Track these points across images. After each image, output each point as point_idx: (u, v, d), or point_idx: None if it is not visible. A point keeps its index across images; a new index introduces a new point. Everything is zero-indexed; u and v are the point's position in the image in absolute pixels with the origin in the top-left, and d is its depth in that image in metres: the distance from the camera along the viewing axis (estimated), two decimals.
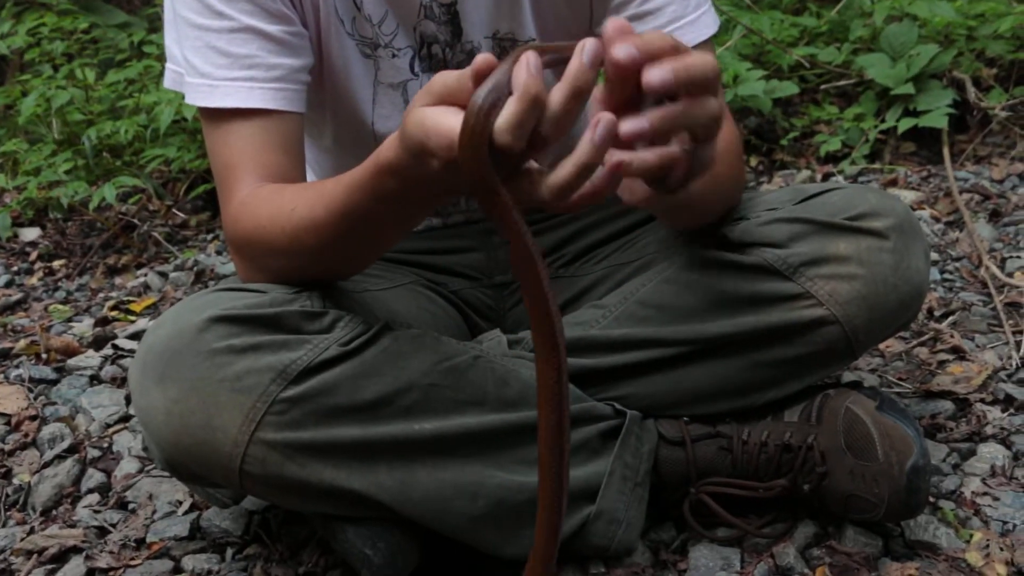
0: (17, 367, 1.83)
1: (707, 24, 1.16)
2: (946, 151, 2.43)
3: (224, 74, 1.07)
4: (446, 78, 0.75)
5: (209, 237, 2.61)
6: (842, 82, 2.74)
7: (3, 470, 1.49)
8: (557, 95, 0.70)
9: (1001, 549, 1.09)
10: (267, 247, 1.03)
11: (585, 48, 0.69)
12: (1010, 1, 2.81)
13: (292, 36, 1.10)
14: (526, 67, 0.68)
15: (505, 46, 1.20)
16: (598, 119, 0.69)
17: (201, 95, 1.09)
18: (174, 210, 2.70)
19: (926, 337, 1.61)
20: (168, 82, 1.15)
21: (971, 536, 1.12)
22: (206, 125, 1.11)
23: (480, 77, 0.71)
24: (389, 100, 1.21)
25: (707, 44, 1.17)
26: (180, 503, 1.34)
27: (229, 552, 1.23)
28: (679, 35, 1.12)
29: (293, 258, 1.03)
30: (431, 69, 1.20)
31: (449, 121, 0.73)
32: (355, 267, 1.10)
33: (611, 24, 0.70)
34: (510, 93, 0.69)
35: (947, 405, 1.39)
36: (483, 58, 0.72)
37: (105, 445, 1.53)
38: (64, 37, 3.17)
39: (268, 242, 1.03)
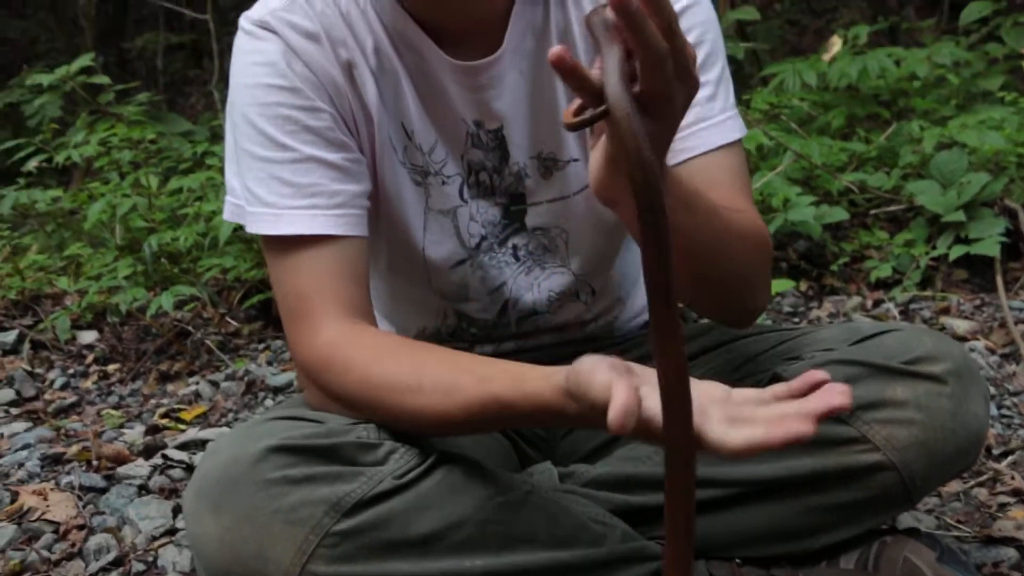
0: (68, 473, 1.84)
1: (732, 128, 1.18)
2: (999, 280, 2.41)
3: (288, 203, 1.10)
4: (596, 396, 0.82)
5: (260, 347, 2.64)
6: (892, 208, 2.74)
7: None
8: None
9: None
10: (373, 404, 1.04)
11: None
12: None
13: (352, 163, 1.14)
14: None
15: (548, 165, 1.22)
16: None
17: (266, 224, 1.11)
18: (227, 319, 2.73)
19: (985, 477, 1.57)
20: (227, 215, 1.18)
21: None
22: (271, 254, 1.13)
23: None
24: (439, 226, 1.24)
25: (733, 146, 1.18)
26: None
27: None
28: (700, 136, 1.16)
29: (395, 420, 1.04)
30: (479, 196, 1.23)
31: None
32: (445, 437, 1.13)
33: None
34: None
35: (1010, 553, 1.34)
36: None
37: (150, 559, 1.53)
38: (132, 146, 3.28)
39: (377, 401, 1.04)
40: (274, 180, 1.11)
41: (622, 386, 0.77)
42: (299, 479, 0.96)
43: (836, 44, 3.43)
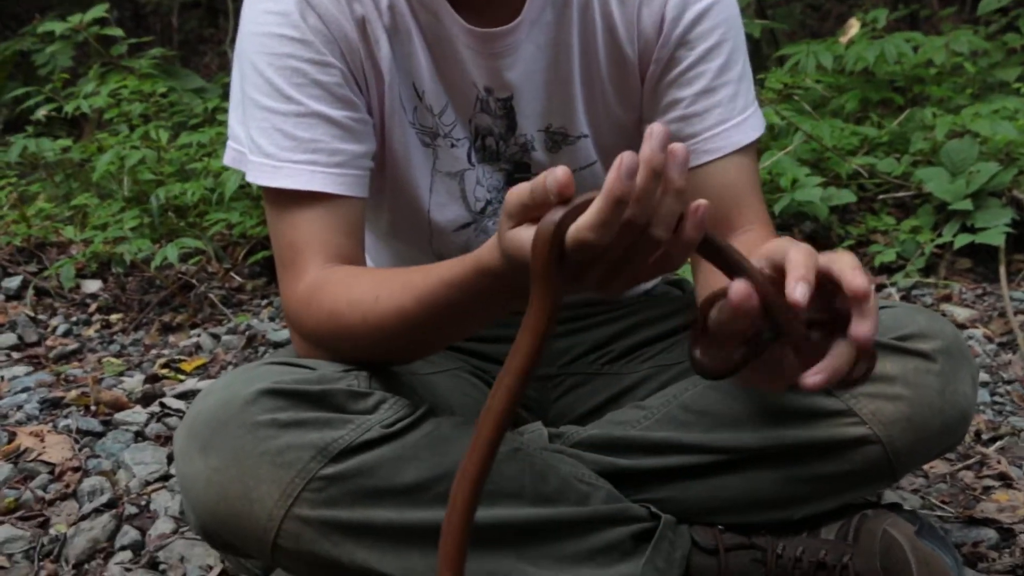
0: (66, 417, 1.86)
1: (753, 127, 1.19)
2: (1002, 270, 2.41)
3: (288, 156, 1.10)
4: (521, 194, 0.79)
5: (263, 303, 2.65)
6: (900, 194, 2.74)
7: (41, 519, 1.51)
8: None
9: None
10: (342, 331, 1.05)
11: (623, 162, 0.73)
12: None
13: (357, 122, 1.13)
14: (616, 169, 0.72)
15: (556, 139, 1.22)
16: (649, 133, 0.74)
17: (264, 175, 1.11)
18: (232, 274, 2.74)
19: (972, 461, 1.58)
20: (228, 159, 1.18)
21: None
22: (269, 204, 1.14)
23: (560, 195, 0.75)
24: (446, 188, 1.24)
25: (750, 147, 1.19)
26: (211, 568, 1.35)
27: None
28: (724, 137, 1.17)
29: (368, 343, 1.04)
30: (485, 160, 1.23)
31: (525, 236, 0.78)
32: (424, 355, 1.13)
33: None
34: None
35: (990, 534, 1.36)
36: (562, 172, 0.75)
37: (143, 503, 1.55)
38: (143, 99, 3.27)
39: (345, 327, 1.04)
40: (277, 132, 1.11)
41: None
42: (288, 423, 0.97)
43: (854, 27, 3.41)
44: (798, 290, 0.76)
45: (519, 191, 0.79)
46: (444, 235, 1.26)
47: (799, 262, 0.78)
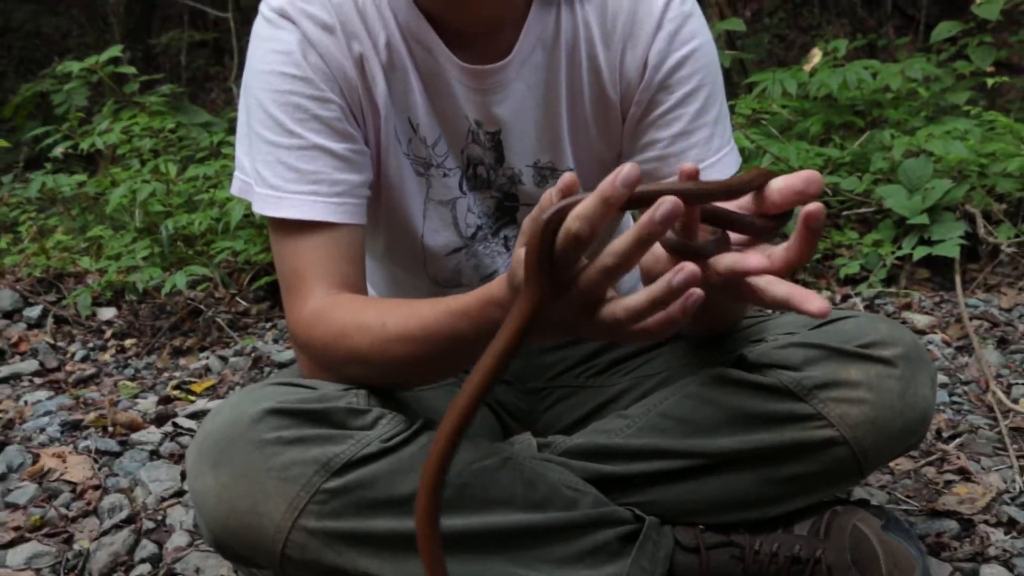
0: (86, 438, 1.86)
1: (729, 164, 1.19)
2: (958, 279, 2.42)
3: (291, 188, 1.10)
4: (531, 214, 0.80)
5: (267, 326, 2.65)
6: (862, 210, 2.76)
7: (65, 535, 1.51)
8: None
9: None
10: (349, 354, 1.05)
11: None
12: (1019, 143, 2.84)
13: (355, 154, 1.13)
14: (613, 176, 0.73)
15: (545, 174, 1.22)
16: (682, 268, 0.74)
17: (269, 205, 1.11)
18: (237, 298, 2.74)
19: (934, 457, 1.58)
20: (235, 189, 1.18)
21: None
22: (274, 232, 1.14)
23: (566, 192, 0.76)
24: (438, 215, 1.24)
25: None
26: None
27: None
28: (704, 176, 1.16)
29: (373, 367, 1.04)
30: (477, 188, 1.23)
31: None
32: (425, 383, 1.13)
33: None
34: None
35: (952, 524, 1.36)
36: (568, 176, 0.77)
37: (159, 518, 1.54)
38: (153, 135, 3.28)
39: (351, 349, 1.04)
40: (280, 164, 1.11)
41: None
42: (292, 440, 0.97)
43: (817, 56, 3.43)
44: None
45: (532, 215, 0.80)
46: (437, 259, 1.27)
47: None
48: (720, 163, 1.18)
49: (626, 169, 0.73)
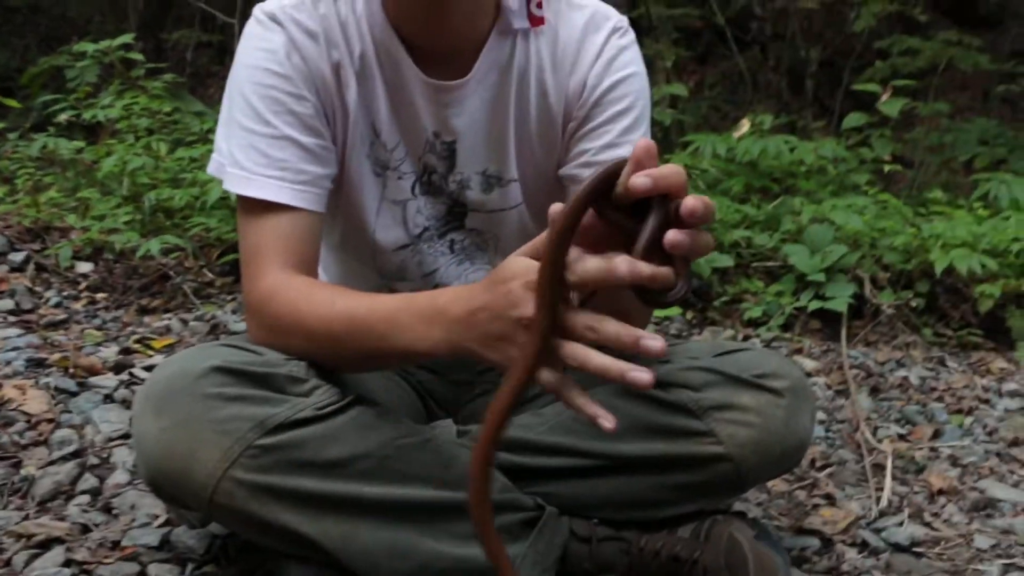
0: (47, 375, 1.78)
1: None
2: (843, 332, 2.45)
3: (260, 171, 1.07)
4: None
5: (228, 298, 2.58)
6: (769, 263, 2.78)
7: (15, 460, 1.44)
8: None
9: None
10: (298, 327, 1.01)
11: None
12: (904, 223, 2.90)
13: (322, 149, 1.11)
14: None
15: (491, 182, 1.20)
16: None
17: (238, 184, 1.08)
18: (205, 270, 2.67)
19: (806, 482, 1.59)
20: (211, 168, 1.14)
21: None
22: (241, 210, 1.10)
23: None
24: (390, 214, 1.21)
25: None
26: (156, 517, 1.29)
27: (189, 567, 1.17)
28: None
29: (315, 343, 1.00)
30: (428, 193, 1.21)
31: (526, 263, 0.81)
32: (360, 369, 1.09)
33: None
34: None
35: (814, 542, 1.36)
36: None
37: (104, 456, 1.48)
38: (150, 115, 3.20)
39: (299, 322, 1.00)
40: (253, 149, 1.07)
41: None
42: (233, 397, 0.93)
43: (745, 126, 3.47)
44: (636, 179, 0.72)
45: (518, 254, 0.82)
46: (385, 254, 1.24)
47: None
48: None
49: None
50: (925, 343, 2.57)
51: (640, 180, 0.71)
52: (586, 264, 0.74)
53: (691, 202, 0.71)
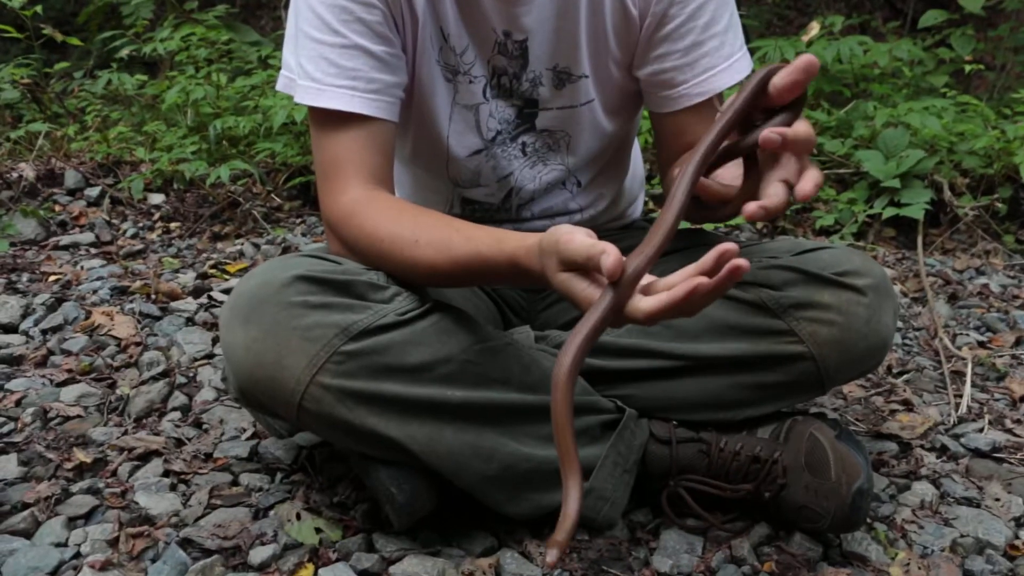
0: (131, 302, 1.85)
1: (740, 69, 1.15)
2: (920, 240, 2.39)
3: (331, 81, 1.07)
4: (576, 252, 0.83)
5: (297, 221, 2.62)
6: (842, 170, 2.70)
7: (110, 381, 1.51)
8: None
9: (919, 568, 1.06)
10: (379, 255, 1.02)
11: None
12: (986, 125, 2.77)
13: (392, 57, 1.10)
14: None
15: (562, 78, 1.19)
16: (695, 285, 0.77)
17: (310, 96, 1.08)
18: (273, 195, 2.71)
19: (883, 389, 1.57)
20: (280, 85, 1.14)
21: (896, 555, 1.09)
22: (313, 124, 1.10)
23: (611, 274, 0.79)
24: (463, 119, 1.21)
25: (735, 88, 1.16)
26: (244, 430, 1.34)
27: (278, 476, 1.22)
28: (715, 80, 1.14)
29: (397, 269, 1.02)
30: (500, 96, 1.20)
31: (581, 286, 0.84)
32: (439, 287, 1.11)
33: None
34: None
35: (892, 446, 1.36)
36: (614, 260, 0.79)
37: (191, 375, 1.54)
38: (208, 46, 3.21)
39: (382, 252, 1.02)
40: (323, 60, 1.07)
41: (612, 247, 0.79)
42: (317, 304, 0.95)
43: (814, 28, 3.33)
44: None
45: (576, 248, 0.82)
46: (459, 161, 1.23)
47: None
48: (731, 68, 1.15)
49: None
50: (1006, 250, 2.49)
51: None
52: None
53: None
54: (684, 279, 0.78)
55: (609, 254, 0.78)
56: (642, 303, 0.79)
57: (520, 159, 1.25)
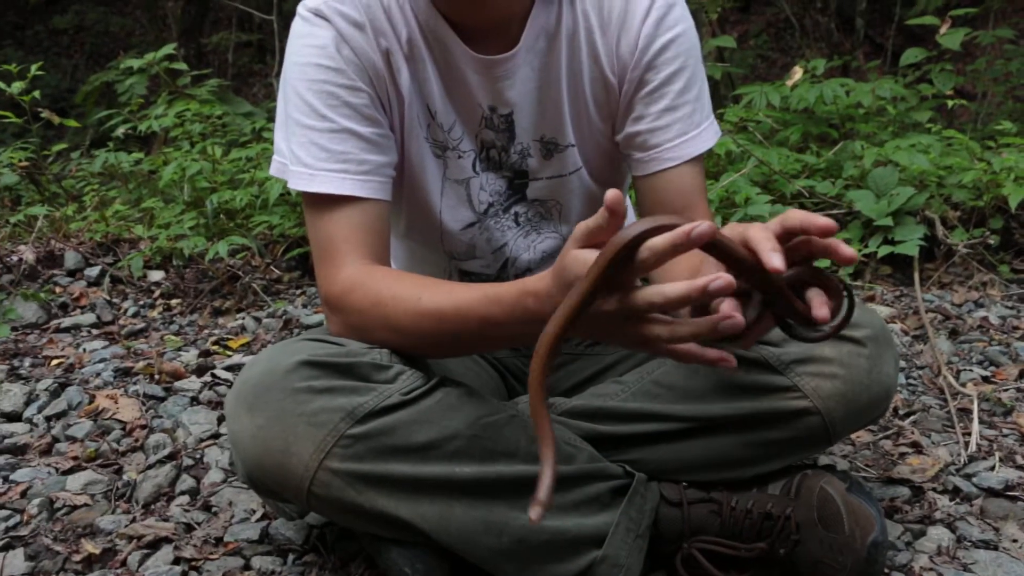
0: (135, 383, 1.85)
1: (706, 139, 1.17)
2: (916, 276, 2.40)
3: (322, 165, 1.08)
4: (587, 224, 0.79)
5: (297, 292, 2.63)
6: (834, 211, 2.72)
7: (116, 467, 1.51)
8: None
9: None
10: (383, 321, 1.02)
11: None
12: (972, 158, 2.81)
13: (381, 137, 1.11)
14: (689, 227, 0.73)
15: (549, 148, 1.21)
16: (730, 316, 0.75)
17: (303, 181, 1.09)
18: (272, 267, 2.72)
19: (891, 432, 1.57)
20: (273, 170, 1.16)
21: None
22: (307, 207, 1.12)
23: (613, 213, 0.76)
24: (454, 193, 1.22)
25: (701, 157, 1.17)
26: (254, 512, 1.33)
27: (291, 557, 1.21)
28: (682, 148, 1.16)
29: (404, 336, 1.01)
30: (489, 169, 1.22)
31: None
32: (449, 356, 1.10)
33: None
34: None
35: (904, 491, 1.35)
36: (612, 193, 0.75)
37: (198, 456, 1.53)
38: (202, 120, 3.26)
39: (386, 317, 1.01)
40: (313, 145, 1.09)
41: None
42: (322, 389, 0.96)
43: (798, 73, 3.39)
44: (774, 259, 0.75)
45: (585, 222, 0.80)
46: (453, 234, 1.25)
47: (761, 236, 0.77)
48: (700, 136, 1.17)
49: (703, 227, 0.72)
50: (1003, 280, 2.50)
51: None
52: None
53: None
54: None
55: (607, 193, 0.76)
56: (666, 287, 0.76)
57: (514, 229, 1.26)
